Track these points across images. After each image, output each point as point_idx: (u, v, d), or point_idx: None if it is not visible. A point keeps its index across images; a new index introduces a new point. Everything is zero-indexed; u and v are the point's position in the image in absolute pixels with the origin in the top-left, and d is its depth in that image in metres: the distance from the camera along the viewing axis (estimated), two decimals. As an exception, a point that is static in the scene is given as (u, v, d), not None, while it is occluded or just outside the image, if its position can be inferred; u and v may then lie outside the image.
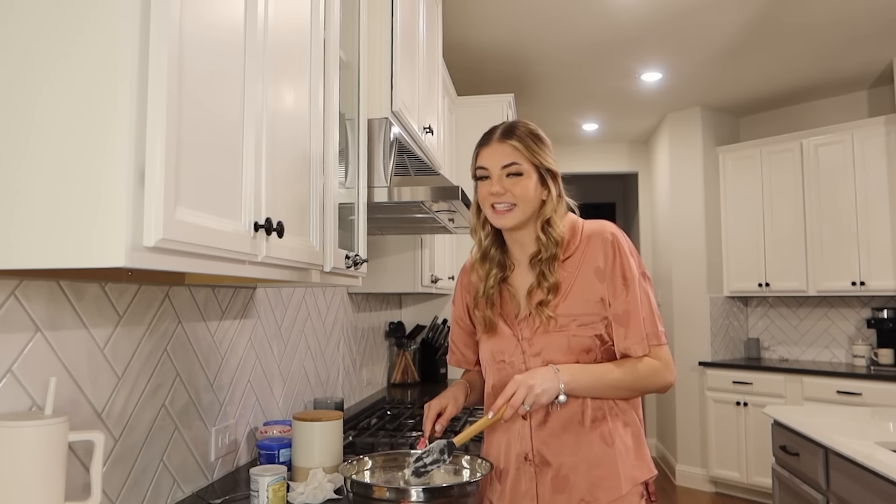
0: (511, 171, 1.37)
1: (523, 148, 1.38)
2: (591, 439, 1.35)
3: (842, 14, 3.45)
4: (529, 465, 1.38)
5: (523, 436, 1.39)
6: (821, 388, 4.15)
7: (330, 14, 1.54)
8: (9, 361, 1.04)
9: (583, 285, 1.38)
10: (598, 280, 1.37)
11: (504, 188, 1.37)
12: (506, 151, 1.38)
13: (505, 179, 1.37)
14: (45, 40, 0.83)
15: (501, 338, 1.44)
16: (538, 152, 1.39)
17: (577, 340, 1.36)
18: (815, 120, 4.85)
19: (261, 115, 1.12)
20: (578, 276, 1.38)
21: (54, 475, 0.95)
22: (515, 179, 1.37)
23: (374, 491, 1.23)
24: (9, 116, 0.83)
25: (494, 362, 1.45)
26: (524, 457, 1.39)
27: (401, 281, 2.99)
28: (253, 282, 1.75)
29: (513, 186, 1.37)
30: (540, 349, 1.38)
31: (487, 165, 1.39)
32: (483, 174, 1.40)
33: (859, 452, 1.95)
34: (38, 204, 0.81)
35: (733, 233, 4.94)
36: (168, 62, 0.84)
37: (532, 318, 1.40)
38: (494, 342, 1.45)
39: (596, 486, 1.34)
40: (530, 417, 1.38)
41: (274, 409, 2.04)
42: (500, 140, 1.39)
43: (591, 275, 1.38)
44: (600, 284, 1.37)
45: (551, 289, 1.37)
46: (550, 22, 3.52)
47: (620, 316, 1.36)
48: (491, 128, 1.45)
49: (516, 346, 1.42)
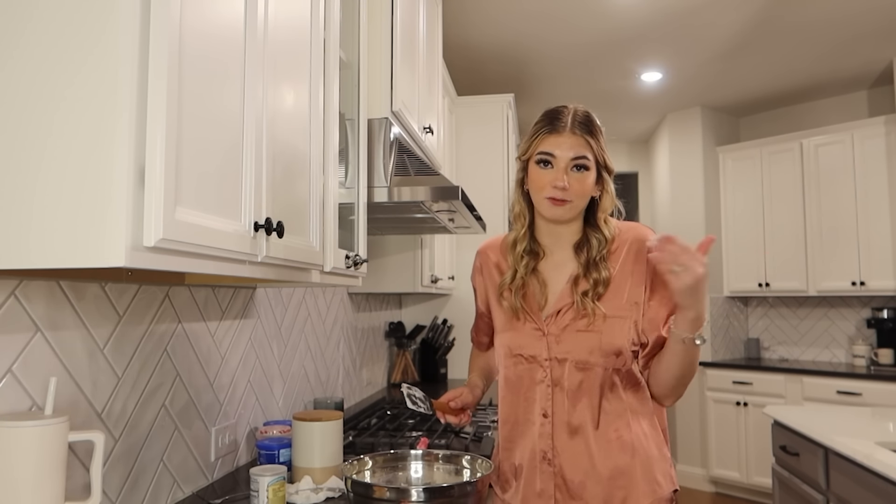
0: (579, 164, 1.31)
1: (593, 142, 1.32)
2: (612, 448, 1.31)
3: (842, 14, 3.45)
4: (548, 466, 1.34)
5: (544, 435, 1.34)
6: (821, 388, 4.15)
7: (330, 14, 1.54)
8: (9, 361, 1.04)
9: (620, 285, 1.34)
10: (636, 285, 1.33)
11: (569, 183, 1.30)
12: (578, 144, 1.31)
13: (570, 172, 1.31)
14: (44, 40, 0.83)
15: (523, 331, 1.37)
16: (604, 148, 1.35)
17: (608, 340, 1.31)
18: (815, 120, 4.85)
19: (261, 115, 1.12)
20: (617, 276, 1.34)
21: (54, 475, 0.95)
22: (581, 174, 1.32)
23: (375, 491, 1.23)
24: (9, 117, 0.83)
25: (511, 356, 1.39)
26: (542, 456, 1.34)
27: (401, 281, 2.99)
28: (253, 282, 1.75)
29: (577, 182, 1.31)
30: (569, 349, 1.33)
31: (556, 154, 1.31)
32: (547, 160, 1.32)
33: (859, 452, 1.95)
34: (37, 204, 0.81)
35: (733, 233, 4.94)
36: (168, 62, 0.84)
37: (562, 315, 1.34)
38: (514, 335, 1.39)
39: (612, 498, 1.29)
40: (553, 415, 1.34)
41: (274, 409, 2.04)
42: (572, 131, 1.32)
43: (631, 277, 1.34)
44: (638, 288, 1.33)
45: (602, 283, 1.32)
46: (550, 22, 3.52)
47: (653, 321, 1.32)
48: (554, 111, 1.36)
49: (540, 341, 1.35)
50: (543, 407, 1.34)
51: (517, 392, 1.39)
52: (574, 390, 1.32)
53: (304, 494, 1.47)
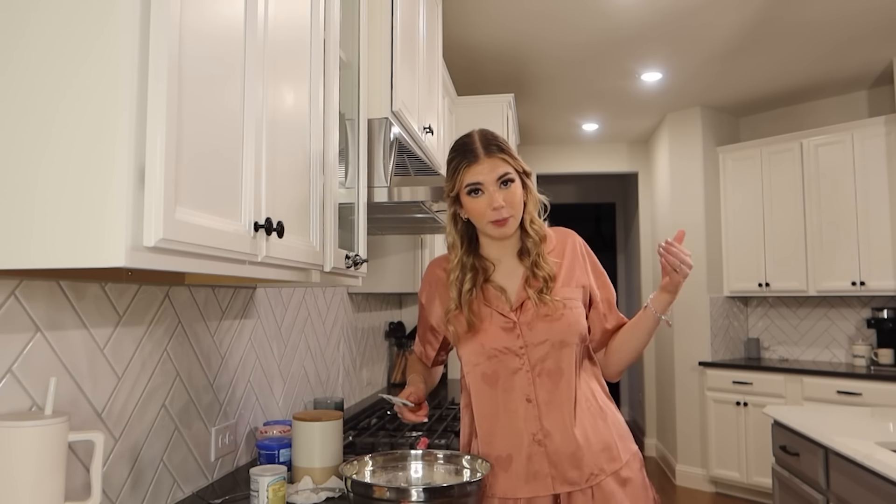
0: (504, 180, 1.42)
1: (509, 157, 1.44)
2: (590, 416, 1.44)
3: (842, 14, 3.45)
4: (538, 447, 1.40)
5: (529, 418, 1.41)
6: (821, 388, 4.15)
7: (330, 14, 1.54)
8: (9, 361, 1.04)
9: (567, 276, 1.50)
10: (579, 271, 1.51)
11: (504, 200, 1.41)
12: (496, 164, 1.42)
13: (500, 190, 1.42)
14: (45, 40, 0.83)
15: (494, 331, 1.45)
16: (517, 157, 1.46)
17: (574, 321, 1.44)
18: (815, 120, 4.85)
19: (261, 116, 1.12)
20: (564, 269, 1.50)
21: (54, 475, 0.95)
22: (509, 188, 1.43)
23: (375, 491, 1.23)
24: (9, 117, 0.83)
25: (483, 353, 1.46)
26: (532, 438, 1.41)
27: (401, 281, 2.99)
28: (253, 282, 1.75)
29: (508, 195, 1.42)
30: (543, 335, 1.43)
31: (482, 180, 1.42)
32: (477, 188, 1.43)
33: (859, 452, 1.96)
34: (38, 204, 0.81)
35: (733, 233, 4.94)
36: (168, 62, 0.84)
37: (525, 307, 1.45)
38: (484, 337, 1.45)
39: (601, 459, 1.41)
40: (536, 398, 1.42)
41: (274, 409, 2.04)
42: (487, 154, 1.42)
43: (573, 266, 1.51)
44: (583, 274, 1.51)
45: (549, 278, 1.46)
46: (550, 22, 3.52)
47: (609, 301, 1.55)
48: (462, 143, 1.48)
49: (511, 332, 1.44)
50: (526, 392, 1.43)
51: (494, 385, 1.46)
52: (553, 370, 1.43)
53: (304, 494, 1.47)
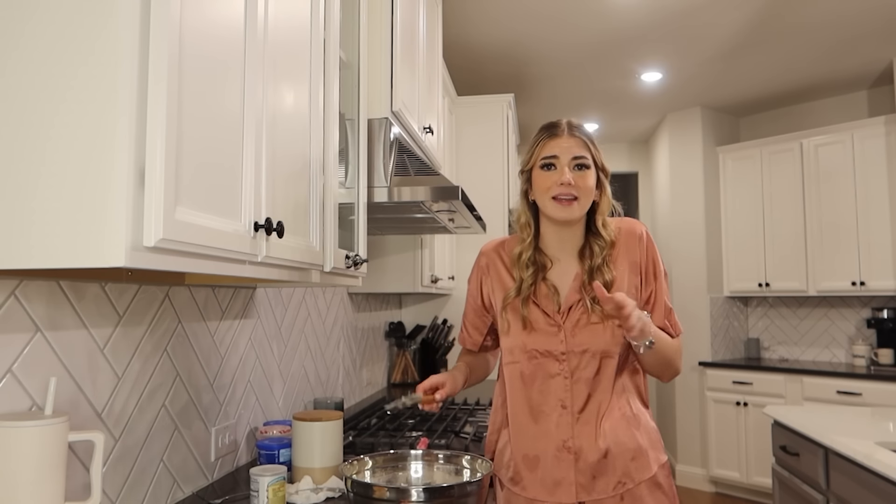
0: (580, 164, 1.41)
1: (590, 144, 1.43)
2: (622, 424, 1.41)
3: (842, 14, 3.45)
4: (567, 454, 1.39)
5: (562, 424, 1.40)
6: (821, 388, 4.15)
7: (330, 14, 1.54)
8: (9, 361, 1.04)
9: (622, 279, 1.44)
10: (633, 274, 1.45)
11: (573, 180, 1.39)
12: (577, 144, 1.41)
13: (573, 172, 1.40)
14: (45, 40, 0.83)
15: (539, 332, 1.44)
16: (599, 151, 1.45)
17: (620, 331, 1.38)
18: (815, 120, 4.85)
19: (261, 115, 1.12)
20: (618, 271, 1.45)
21: (54, 475, 0.95)
22: (582, 172, 1.41)
23: (375, 491, 1.23)
24: (9, 117, 0.83)
25: (524, 352, 1.45)
26: (562, 444, 1.40)
27: (401, 281, 2.99)
28: (253, 282, 1.75)
29: (579, 179, 1.40)
30: (586, 343, 1.41)
31: (558, 154, 1.41)
32: (551, 162, 1.41)
33: (859, 452, 1.96)
34: (38, 204, 0.81)
35: (733, 233, 4.94)
36: (168, 62, 0.84)
37: (573, 311, 1.42)
38: (528, 335, 1.44)
39: (631, 468, 1.39)
40: (572, 405, 1.40)
41: (274, 409, 2.04)
42: (570, 133, 1.42)
43: (627, 269, 1.45)
44: (635, 277, 1.45)
45: (607, 286, 1.41)
46: (550, 22, 3.52)
47: (646, 300, 1.46)
48: (550, 122, 1.47)
49: (555, 336, 1.42)
50: (561, 398, 1.41)
51: (531, 385, 1.44)
52: (591, 379, 1.41)
53: (304, 494, 1.47)
